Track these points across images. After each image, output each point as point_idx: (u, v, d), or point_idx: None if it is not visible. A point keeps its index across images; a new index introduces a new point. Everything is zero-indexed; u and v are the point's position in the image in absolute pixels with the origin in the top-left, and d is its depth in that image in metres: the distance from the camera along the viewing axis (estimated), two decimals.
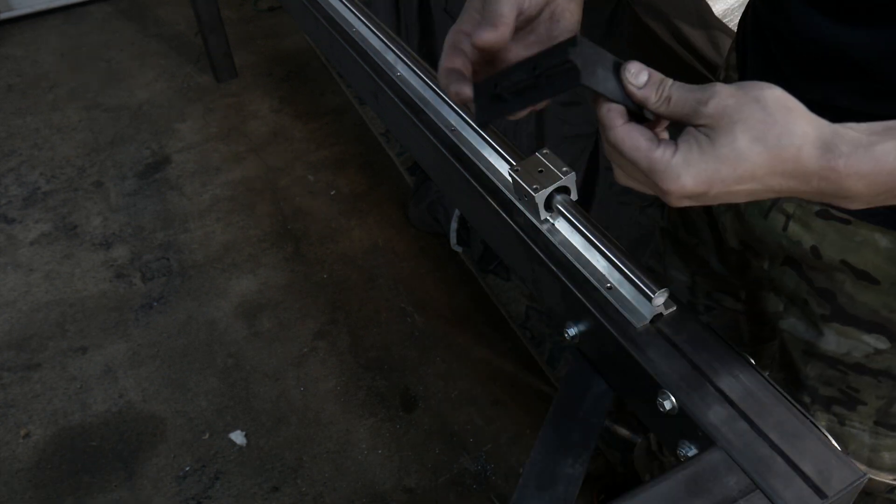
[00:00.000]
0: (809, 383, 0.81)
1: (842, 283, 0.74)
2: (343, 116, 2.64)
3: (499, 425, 1.72)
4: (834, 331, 0.77)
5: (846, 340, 0.76)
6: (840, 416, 0.81)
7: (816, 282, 0.76)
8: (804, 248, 0.75)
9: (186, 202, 2.32)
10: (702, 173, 0.49)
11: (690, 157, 0.50)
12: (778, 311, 0.83)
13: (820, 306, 0.77)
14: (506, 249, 0.75)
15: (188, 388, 1.81)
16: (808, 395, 0.82)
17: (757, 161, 0.48)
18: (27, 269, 2.12)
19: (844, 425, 0.82)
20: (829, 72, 0.66)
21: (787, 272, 0.80)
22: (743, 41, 0.81)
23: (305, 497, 1.60)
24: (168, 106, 2.71)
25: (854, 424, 0.81)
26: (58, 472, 1.65)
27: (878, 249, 0.70)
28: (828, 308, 0.76)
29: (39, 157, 2.50)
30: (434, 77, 0.88)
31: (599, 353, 0.65)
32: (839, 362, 0.78)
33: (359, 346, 1.89)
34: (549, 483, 0.59)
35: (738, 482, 0.51)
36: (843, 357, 0.77)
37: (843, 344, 0.77)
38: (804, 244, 0.75)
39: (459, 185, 0.79)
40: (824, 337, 0.78)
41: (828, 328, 0.77)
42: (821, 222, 0.72)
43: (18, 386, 1.82)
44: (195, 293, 2.03)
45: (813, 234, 0.73)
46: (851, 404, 0.80)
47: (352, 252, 2.14)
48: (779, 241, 0.77)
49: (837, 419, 0.82)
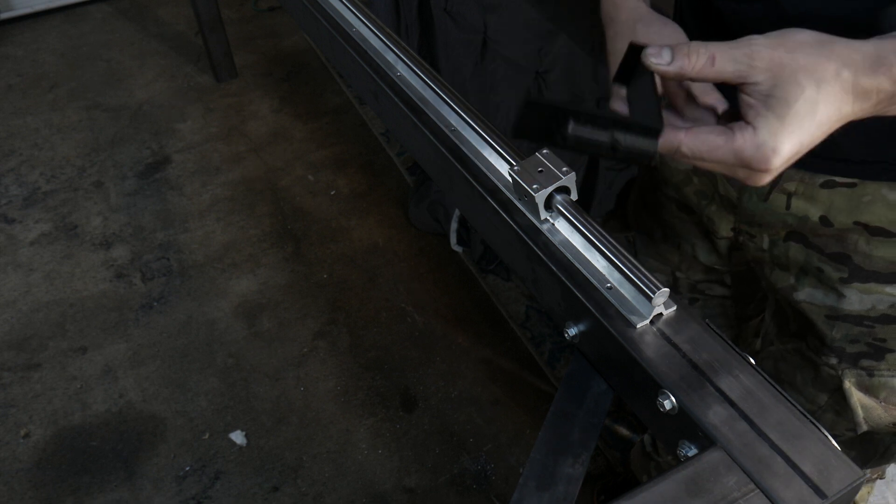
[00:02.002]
0: (836, 345, 0.83)
1: (855, 243, 0.75)
2: (343, 116, 2.64)
3: (499, 425, 1.72)
4: (855, 290, 0.78)
5: (869, 297, 0.78)
6: (869, 369, 0.83)
7: (827, 248, 0.78)
8: (812, 220, 0.76)
9: (186, 202, 2.32)
10: (792, 136, 0.49)
11: (772, 126, 0.49)
12: (789, 284, 0.84)
13: (837, 270, 0.78)
14: (506, 249, 0.75)
15: (188, 388, 1.81)
16: (836, 356, 0.83)
17: (829, 101, 0.48)
18: (27, 269, 2.12)
19: (874, 376, 0.83)
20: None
21: (792, 246, 0.81)
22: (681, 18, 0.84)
23: (305, 497, 1.60)
24: (168, 106, 2.71)
25: (883, 373, 0.82)
26: (58, 472, 1.65)
27: (889, 203, 0.71)
28: (845, 271, 0.77)
29: (39, 157, 2.50)
30: (434, 77, 0.88)
31: (599, 353, 0.65)
32: (865, 318, 0.79)
33: (359, 346, 1.89)
34: (549, 483, 0.58)
35: (738, 482, 0.51)
36: (867, 312, 0.79)
37: (866, 300, 0.78)
38: (811, 216, 0.76)
39: (459, 185, 0.79)
40: (846, 298, 0.79)
41: (848, 289, 0.78)
42: (826, 192, 0.74)
43: (18, 386, 1.82)
44: (195, 293, 2.03)
45: (819, 204, 0.75)
46: (880, 354, 0.81)
47: (352, 252, 2.14)
48: (782, 220, 0.79)
49: (866, 372, 0.83)
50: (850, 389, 0.84)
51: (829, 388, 0.86)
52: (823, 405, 0.88)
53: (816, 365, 0.86)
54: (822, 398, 0.87)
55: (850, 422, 0.85)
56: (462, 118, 0.82)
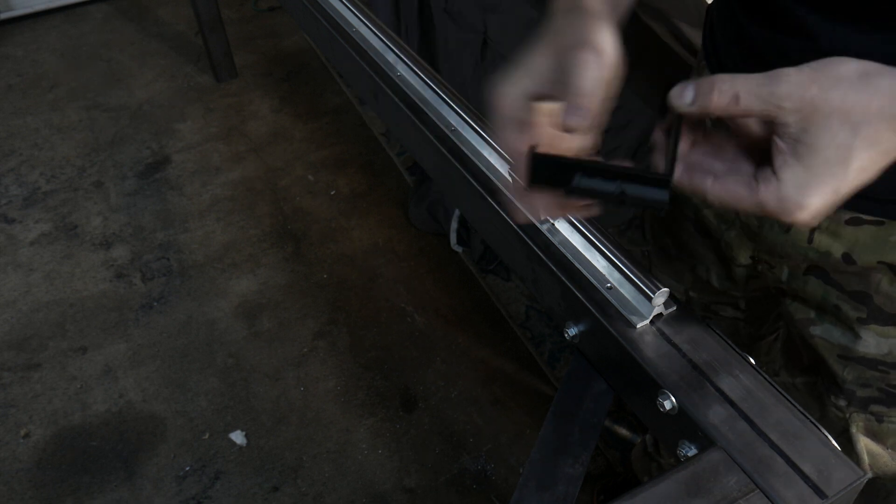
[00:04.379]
0: (847, 387, 0.79)
1: (878, 283, 0.72)
2: (343, 116, 2.64)
3: (499, 425, 1.72)
4: (873, 332, 0.75)
5: (886, 340, 0.74)
6: (878, 414, 0.80)
7: (848, 286, 0.74)
8: (834, 256, 0.72)
9: (186, 202, 2.32)
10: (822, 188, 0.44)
11: (798, 179, 0.44)
12: (808, 317, 0.80)
13: (855, 310, 0.75)
14: (506, 249, 0.75)
15: (188, 388, 1.81)
16: (845, 398, 0.80)
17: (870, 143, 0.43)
18: (27, 269, 2.12)
19: (882, 422, 0.80)
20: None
21: (811, 281, 0.77)
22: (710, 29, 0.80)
23: (305, 497, 1.60)
24: (168, 106, 2.71)
25: (893, 420, 0.79)
26: (58, 472, 1.65)
27: None
28: (864, 311, 0.74)
29: (39, 157, 2.50)
30: (434, 77, 0.88)
31: (599, 353, 0.65)
32: (880, 363, 0.76)
33: (359, 346, 1.89)
34: (549, 483, 0.58)
35: (738, 482, 0.51)
36: (884, 357, 0.76)
37: (883, 344, 0.75)
38: (834, 253, 0.72)
39: (459, 185, 0.79)
40: (862, 340, 0.75)
41: (865, 331, 0.75)
42: (851, 229, 0.70)
43: (18, 386, 1.82)
44: (195, 293, 2.03)
45: (843, 241, 0.71)
46: (891, 401, 0.78)
47: (352, 252, 2.14)
48: (804, 253, 0.75)
49: (875, 417, 0.80)
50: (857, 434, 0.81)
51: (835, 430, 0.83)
52: None
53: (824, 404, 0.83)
54: None
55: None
56: (462, 118, 0.82)
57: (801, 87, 0.43)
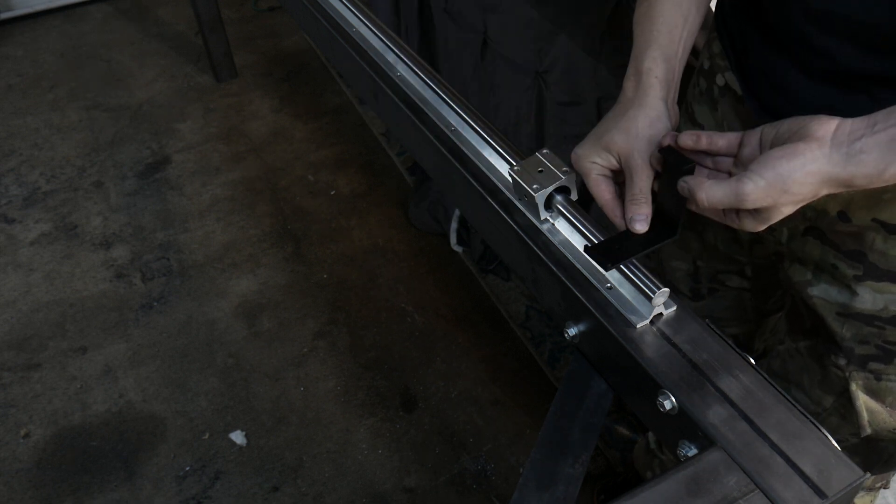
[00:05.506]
0: (846, 344, 0.83)
1: (872, 241, 0.75)
2: (343, 116, 2.64)
3: (499, 425, 1.72)
4: (869, 289, 0.78)
5: (882, 296, 0.78)
6: (877, 372, 0.83)
7: (843, 245, 0.78)
8: (830, 214, 0.76)
9: (186, 202, 2.32)
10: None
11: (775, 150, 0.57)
12: (805, 279, 0.84)
13: (851, 268, 0.78)
14: (506, 249, 0.75)
15: (188, 388, 1.81)
16: (844, 357, 0.84)
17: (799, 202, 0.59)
18: (27, 269, 2.12)
19: (881, 380, 0.83)
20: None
21: (809, 241, 0.81)
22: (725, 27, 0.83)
23: (305, 497, 1.60)
24: (168, 106, 2.71)
25: (891, 377, 0.82)
26: (58, 472, 1.65)
27: None
28: (860, 268, 0.78)
29: (39, 157, 2.50)
30: (434, 77, 0.88)
31: (599, 353, 0.65)
32: (876, 318, 0.79)
33: (359, 346, 1.89)
34: (549, 483, 0.58)
35: (738, 482, 0.51)
36: (879, 313, 0.79)
37: (878, 300, 0.78)
38: (830, 211, 0.76)
39: (459, 185, 0.79)
40: (859, 297, 0.79)
41: (861, 287, 0.78)
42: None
43: (18, 386, 1.82)
44: (195, 293, 2.03)
45: (838, 200, 0.75)
46: (888, 358, 0.81)
47: (352, 252, 2.14)
48: (801, 212, 0.79)
49: (874, 375, 0.83)
50: (857, 392, 0.84)
51: (835, 390, 0.86)
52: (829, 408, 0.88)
53: (825, 365, 0.86)
54: (828, 400, 0.87)
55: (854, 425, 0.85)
56: (462, 118, 0.82)
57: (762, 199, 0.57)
